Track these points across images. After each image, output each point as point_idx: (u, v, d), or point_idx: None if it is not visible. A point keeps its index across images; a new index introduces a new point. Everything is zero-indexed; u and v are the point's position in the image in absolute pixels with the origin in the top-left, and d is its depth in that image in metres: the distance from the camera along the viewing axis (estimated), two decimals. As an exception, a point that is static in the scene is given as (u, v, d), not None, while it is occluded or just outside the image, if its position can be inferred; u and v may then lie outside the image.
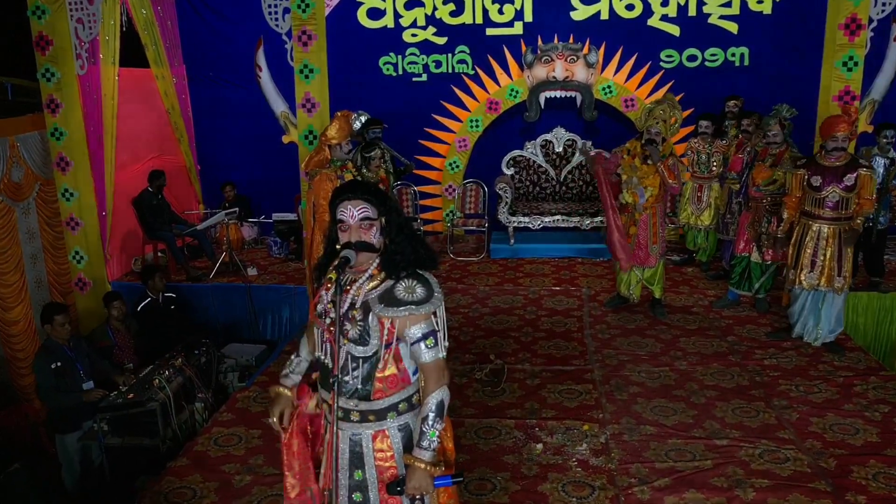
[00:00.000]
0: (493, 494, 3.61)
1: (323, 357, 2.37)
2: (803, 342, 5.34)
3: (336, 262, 2.19)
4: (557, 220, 7.90)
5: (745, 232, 5.97)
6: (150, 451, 4.67)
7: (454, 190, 8.63)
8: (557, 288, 6.83)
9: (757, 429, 4.15)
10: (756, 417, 4.28)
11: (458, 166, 8.66)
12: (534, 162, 8.48)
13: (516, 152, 8.51)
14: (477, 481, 3.71)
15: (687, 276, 7.11)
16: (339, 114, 5.09)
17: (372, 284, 2.28)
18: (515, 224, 7.94)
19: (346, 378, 2.29)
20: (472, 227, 8.20)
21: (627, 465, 3.80)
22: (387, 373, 2.29)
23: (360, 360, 2.28)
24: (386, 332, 2.24)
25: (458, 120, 8.61)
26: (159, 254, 7.87)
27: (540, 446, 4.01)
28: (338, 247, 2.26)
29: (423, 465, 2.23)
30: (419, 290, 2.24)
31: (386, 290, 2.26)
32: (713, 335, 5.60)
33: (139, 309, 6.25)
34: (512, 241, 7.97)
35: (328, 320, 2.30)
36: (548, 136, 8.46)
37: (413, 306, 2.21)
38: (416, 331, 2.24)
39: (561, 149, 8.43)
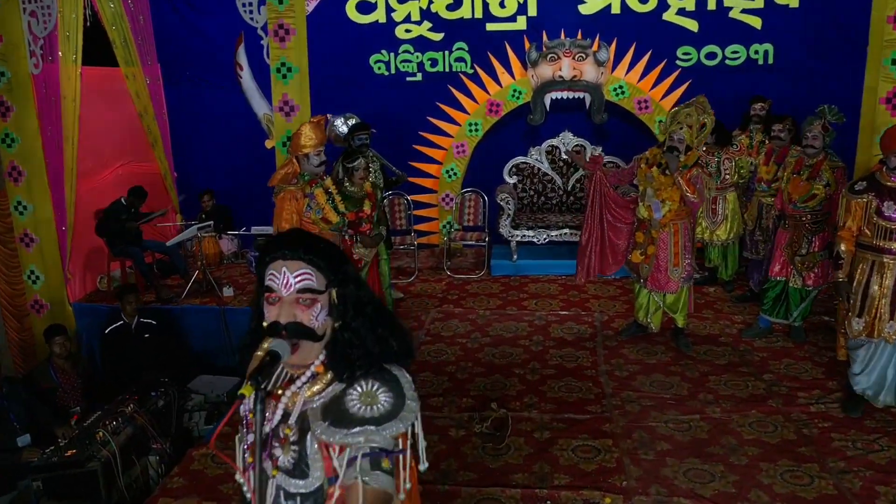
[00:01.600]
0: None
1: (245, 488, 1.65)
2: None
3: (258, 362, 1.47)
4: (565, 233, 7.18)
5: (782, 253, 5.26)
6: (93, 517, 3.98)
7: (451, 200, 7.92)
8: (566, 312, 6.13)
9: (814, 502, 3.44)
10: (811, 486, 3.57)
11: (455, 174, 7.95)
12: (539, 169, 7.77)
13: (519, 159, 7.79)
14: (476, 576, 3.02)
15: (710, 297, 6.40)
16: (311, 120, 4.38)
17: (315, 389, 1.56)
18: (519, 238, 7.22)
19: None
20: (470, 242, 7.48)
21: (661, 556, 3.10)
22: None
23: (298, 498, 1.56)
24: (335, 459, 1.51)
25: (456, 123, 7.90)
26: (128, 270, 7.18)
27: (553, 527, 3.31)
28: (265, 324, 1.56)
29: None
30: (383, 400, 1.51)
31: (333, 398, 1.53)
32: (747, 372, 4.88)
33: (106, 332, 5.55)
34: (515, 256, 7.26)
35: (250, 437, 1.60)
36: (554, 142, 7.74)
37: (372, 427, 1.48)
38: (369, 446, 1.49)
39: (568, 155, 7.72)
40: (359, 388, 1.52)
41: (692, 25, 7.46)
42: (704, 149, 6.29)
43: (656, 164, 4.87)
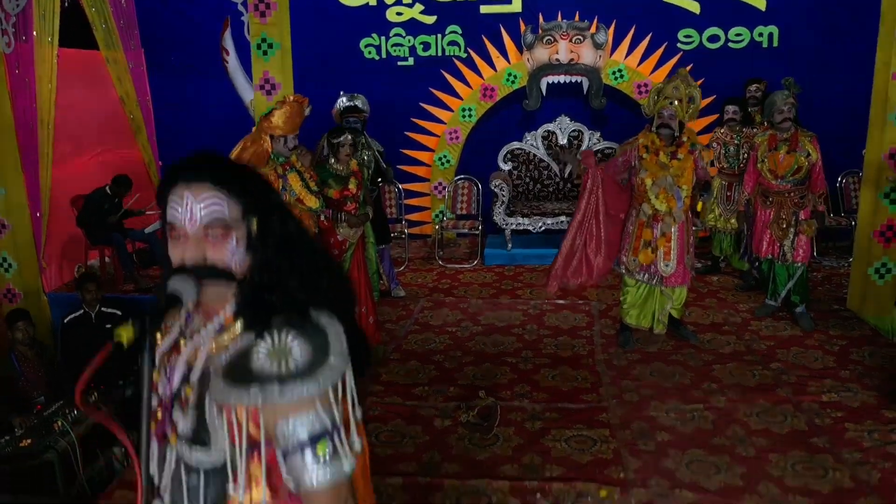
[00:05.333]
0: None
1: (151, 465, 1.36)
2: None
3: (156, 308, 1.21)
4: (561, 221, 6.90)
5: (767, 230, 5.06)
6: (50, 511, 3.69)
7: (444, 188, 7.64)
8: (562, 301, 5.84)
9: (830, 495, 3.15)
10: (825, 478, 3.28)
11: (448, 161, 7.67)
12: (534, 156, 7.49)
13: (514, 145, 7.53)
14: (457, 576, 2.72)
15: (713, 286, 6.12)
16: (291, 98, 4.09)
17: (221, 341, 1.27)
18: (513, 226, 6.95)
19: None
20: (463, 230, 7.19)
21: (662, 553, 2.81)
22: (254, 498, 1.27)
23: (201, 474, 1.28)
24: (243, 426, 1.22)
25: (449, 109, 7.63)
26: (107, 259, 6.90)
27: (543, 522, 3.02)
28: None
29: None
30: (297, 353, 1.20)
31: (240, 352, 1.24)
32: (753, 361, 4.60)
33: (65, 321, 5.25)
34: (509, 245, 6.99)
35: (155, 400, 1.32)
36: (550, 127, 7.48)
37: (278, 385, 1.18)
38: (293, 428, 1.19)
39: (565, 141, 7.45)
40: (268, 340, 1.21)
41: (694, 7, 7.23)
42: (724, 129, 6.06)
43: (662, 150, 4.53)
